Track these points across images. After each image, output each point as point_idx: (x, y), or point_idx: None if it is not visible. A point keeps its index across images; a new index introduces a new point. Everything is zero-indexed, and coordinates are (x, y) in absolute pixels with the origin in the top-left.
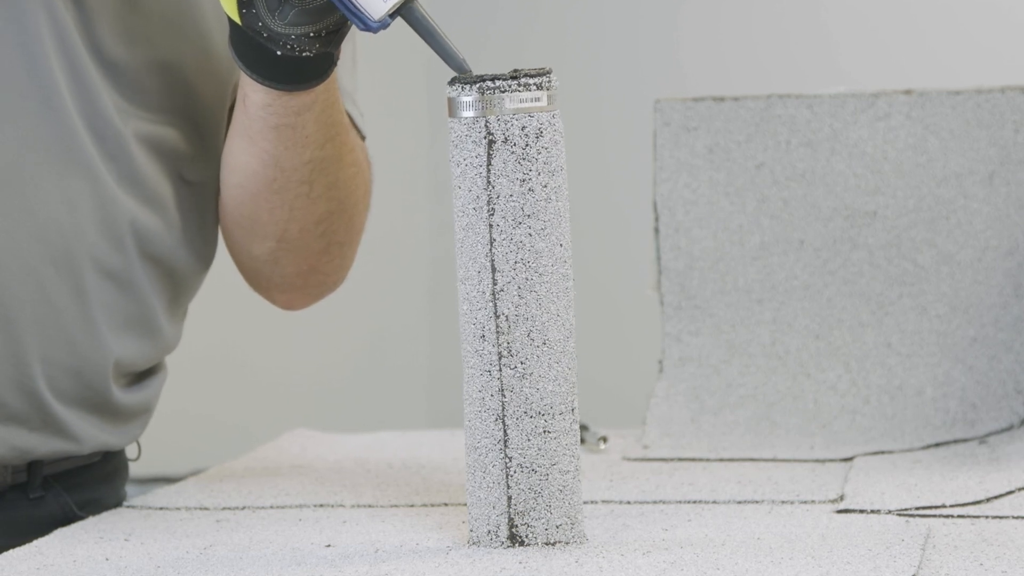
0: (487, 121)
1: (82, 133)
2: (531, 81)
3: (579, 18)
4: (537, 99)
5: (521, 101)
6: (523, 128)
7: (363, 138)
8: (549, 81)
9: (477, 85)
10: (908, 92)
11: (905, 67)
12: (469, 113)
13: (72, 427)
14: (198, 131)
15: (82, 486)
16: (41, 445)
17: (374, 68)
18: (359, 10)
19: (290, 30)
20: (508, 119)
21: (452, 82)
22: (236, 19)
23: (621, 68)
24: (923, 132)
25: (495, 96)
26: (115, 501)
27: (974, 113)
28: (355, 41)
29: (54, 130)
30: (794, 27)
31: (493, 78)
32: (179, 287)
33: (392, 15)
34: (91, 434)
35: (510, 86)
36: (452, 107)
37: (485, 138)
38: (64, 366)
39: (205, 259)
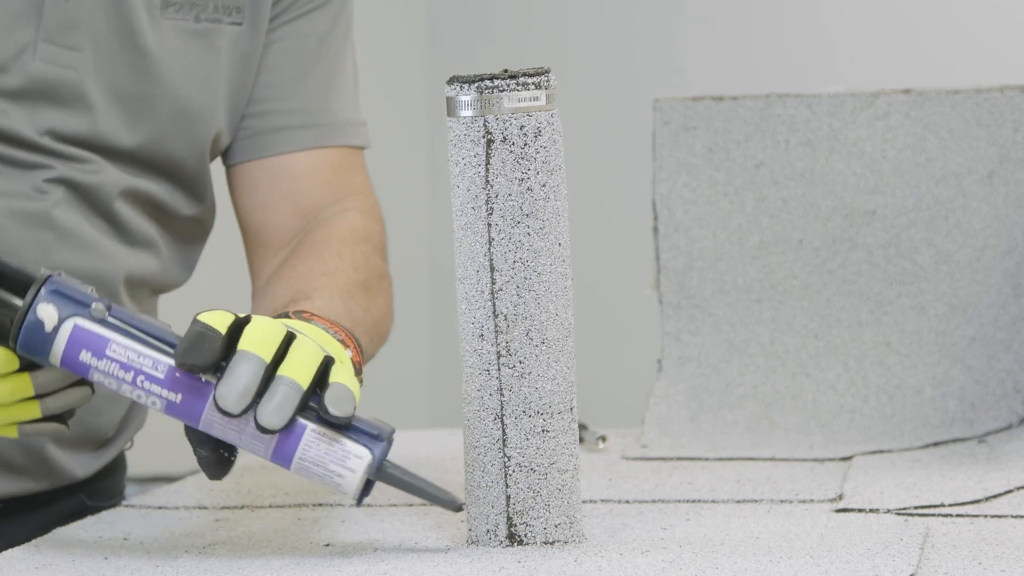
0: (486, 120)
1: (63, 202)
2: (529, 80)
3: (578, 18)
4: (536, 98)
5: (520, 100)
6: (522, 127)
7: (366, 147)
8: (548, 80)
9: (476, 84)
10: (907, 91)
11: (904, 67)
12: (468, 112)
13: (70, 467)
14: (184, 182)
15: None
16: (37, 485)
17: (374, 68)
18: (338, 487)
19: None
20: (507, 118)
21: (451, 81)
22: None
23: (620, 68)
24: (922, 131)
25: (494, 95)
26: (118, 489)
27: (973, 112)
28: (354, 54)
29: (35, 204)
30: (793, 27)
31: (492, 77)
32: (163, 292)
33: (366, 488)
34: (88, 465)
35: (509, 85)
36: (451, 106)
37: (484, 137)
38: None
39: (191, 267)
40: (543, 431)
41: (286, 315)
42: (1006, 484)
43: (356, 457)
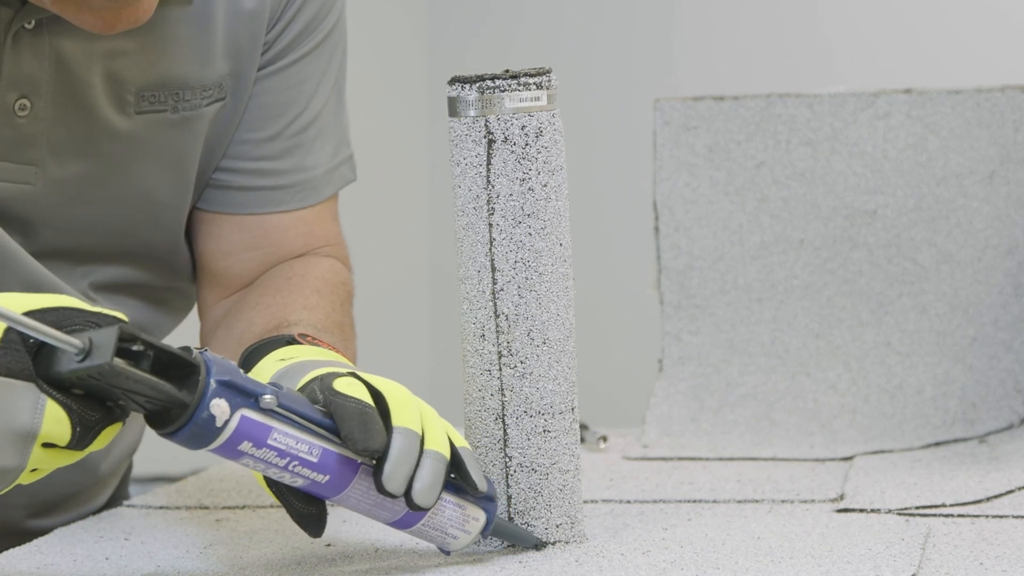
0: (487, 120)
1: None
2: (531, 80)
3: (579, 17)
4: (537, 98)
5: (521, 100)
6: (523, 127)
7: (351, 182)
8: (549, 80)
9: (477, 84)
10: (908, 91)
11: (904, 67)
12: (469, 112)
13: (53, 525)
14: (158, 265)
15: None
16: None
17: (374, 67)
18: (446, 546)
19: None
20: (508, 118)
21: (452, 81)
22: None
23: (620, 68)
24: (923, 131)
25: (495, 95)
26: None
27: (974, 112)
28: (341, 83)
29: None
30: (793, 27)
31: (493, 77)
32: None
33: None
34: (80, 511)
35: (510, 85)
36: (452, 106)
37: (485, 137)
38: (56, 496)
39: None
40: (544, 431)
41: (292, 339)
42: (1007, 484)
43: (474, 520)
